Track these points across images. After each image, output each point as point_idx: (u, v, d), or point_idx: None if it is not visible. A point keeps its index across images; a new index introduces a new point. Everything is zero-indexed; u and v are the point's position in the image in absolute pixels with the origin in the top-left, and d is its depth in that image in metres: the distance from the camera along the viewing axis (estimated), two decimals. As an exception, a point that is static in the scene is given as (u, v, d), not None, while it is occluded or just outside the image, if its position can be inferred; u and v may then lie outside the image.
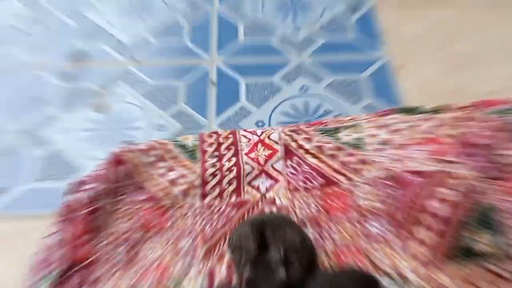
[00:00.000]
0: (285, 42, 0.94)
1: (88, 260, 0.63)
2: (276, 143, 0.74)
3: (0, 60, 0.91)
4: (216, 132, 0.76)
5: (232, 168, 0.72)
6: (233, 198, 0.70)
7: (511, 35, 0.94)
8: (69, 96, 0.85)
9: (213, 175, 0.71)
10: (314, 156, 0.73)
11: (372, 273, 0.60)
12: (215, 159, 0.73)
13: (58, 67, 0.90)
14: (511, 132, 0.74)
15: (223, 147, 0.74)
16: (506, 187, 0.68)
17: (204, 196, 0.70)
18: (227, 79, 0.88)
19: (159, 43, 0.94)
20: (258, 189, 0.71)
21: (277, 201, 0.69)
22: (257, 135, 0.76)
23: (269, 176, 0.72)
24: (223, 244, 0.64)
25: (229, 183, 0.71)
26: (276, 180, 0.71)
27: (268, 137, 0.75)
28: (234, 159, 0.73)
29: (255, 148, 0.74)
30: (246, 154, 0.73)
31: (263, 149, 0.74)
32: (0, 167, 0.76)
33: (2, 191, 0.73)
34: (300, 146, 0.74)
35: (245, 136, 0.76)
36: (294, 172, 0.72)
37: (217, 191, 0.70)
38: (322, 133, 0.75)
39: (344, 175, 0.70)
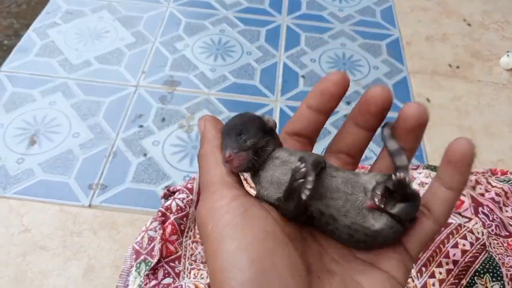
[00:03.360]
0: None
1: (174, 256, 0.65)
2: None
3: (112, 78, 0.94)
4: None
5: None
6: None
7: (517, 113, 0.95)
8: (163, 115, 0.88)
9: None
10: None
11: None
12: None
13: (156, 90, 0.93)
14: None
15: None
16: (509, 244, 0.69)
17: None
18: (288, 118, 0.90)
19: (235, 80, 0.97)
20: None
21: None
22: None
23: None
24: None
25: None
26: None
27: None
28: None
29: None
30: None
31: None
32: (105, 168, 0.79)
33: (104, 187, 0.76)
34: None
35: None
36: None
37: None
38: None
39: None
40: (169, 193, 0.71)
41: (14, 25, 1.12)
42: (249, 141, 0.28)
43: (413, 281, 0.66)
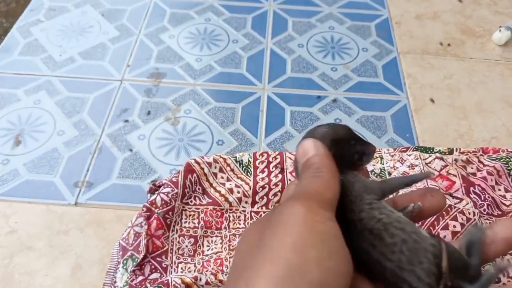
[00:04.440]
0: (324, 78, 0.94)
1: (161, 250, 0.65)
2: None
3: (96, 74, 0.93)
4: (267, 152, 0.77)
5: (278, 183, 0.73)
6: (277, 209, 0.70)
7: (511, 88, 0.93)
8: (148, 109, 0.87)
9: (262, 187, 0.72)
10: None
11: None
12: (265, 175, 0.74)
13: (141, 83, 0.91)
14: (505, 176, 0.74)
15: (271, 165, 0.75)
16: (502, 223, 0.68)
17: (253, 203, 0.71)
18: (275, 105, 0.89)
19: (221, 69, 0.95)
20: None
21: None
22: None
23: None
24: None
25: (275, 195, 0.72)
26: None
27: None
28: (280, 176, 0.74)
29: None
30: (291, 172, 0.74)
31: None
32: (91, 165, 0.78)
33: (90, 184, 0.75)
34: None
35: (290, 158, 0.76)
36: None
37: (264, 200, 0.71)
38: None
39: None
40: (155, 188, 0.71)
41: (4, 24, 1.11)
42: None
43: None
